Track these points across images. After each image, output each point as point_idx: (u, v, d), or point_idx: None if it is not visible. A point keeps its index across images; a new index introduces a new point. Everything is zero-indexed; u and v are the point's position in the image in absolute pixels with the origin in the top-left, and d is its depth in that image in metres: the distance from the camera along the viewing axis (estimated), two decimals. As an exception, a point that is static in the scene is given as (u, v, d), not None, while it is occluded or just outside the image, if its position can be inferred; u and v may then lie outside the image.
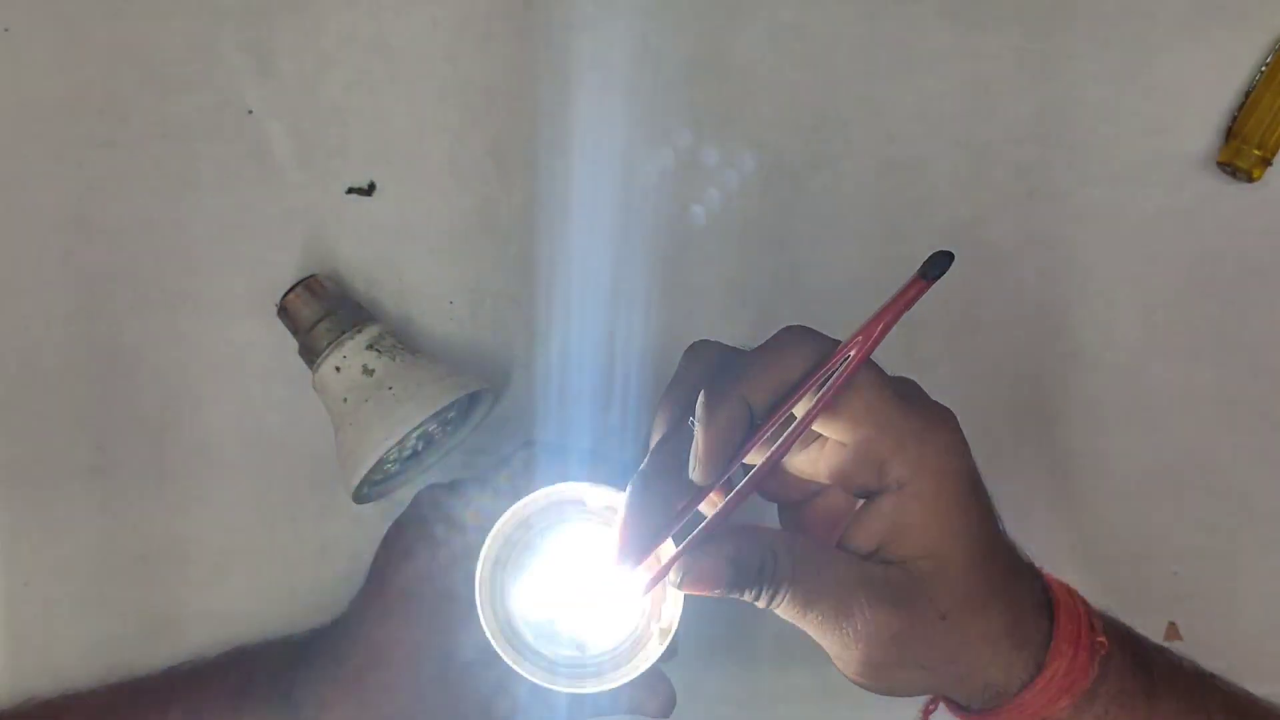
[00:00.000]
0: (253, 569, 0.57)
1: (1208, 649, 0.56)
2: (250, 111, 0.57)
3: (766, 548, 0.39)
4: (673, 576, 0.39)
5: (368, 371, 0.52)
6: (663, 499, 0.39)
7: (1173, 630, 0.57)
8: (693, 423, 0.38)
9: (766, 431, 0.38)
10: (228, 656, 0.53)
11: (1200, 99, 0.57)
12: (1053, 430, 0.57)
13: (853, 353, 0.37)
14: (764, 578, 0.39)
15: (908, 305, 0.36)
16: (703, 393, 0.38)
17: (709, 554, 0.39)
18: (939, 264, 0.35)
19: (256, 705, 0.49)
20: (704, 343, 0.41)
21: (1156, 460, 0.57)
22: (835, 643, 0.39)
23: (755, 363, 0.38)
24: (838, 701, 0.56)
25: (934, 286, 0.36)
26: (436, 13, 0.57)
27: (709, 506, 0.39)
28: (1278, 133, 0.56)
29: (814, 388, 0.37)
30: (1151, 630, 0.57)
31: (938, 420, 0.39)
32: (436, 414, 0.51)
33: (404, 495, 0.56)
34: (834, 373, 0.37)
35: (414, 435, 0.52)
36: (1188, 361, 0.57)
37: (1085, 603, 0.42)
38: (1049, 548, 0.57)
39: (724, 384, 0.38)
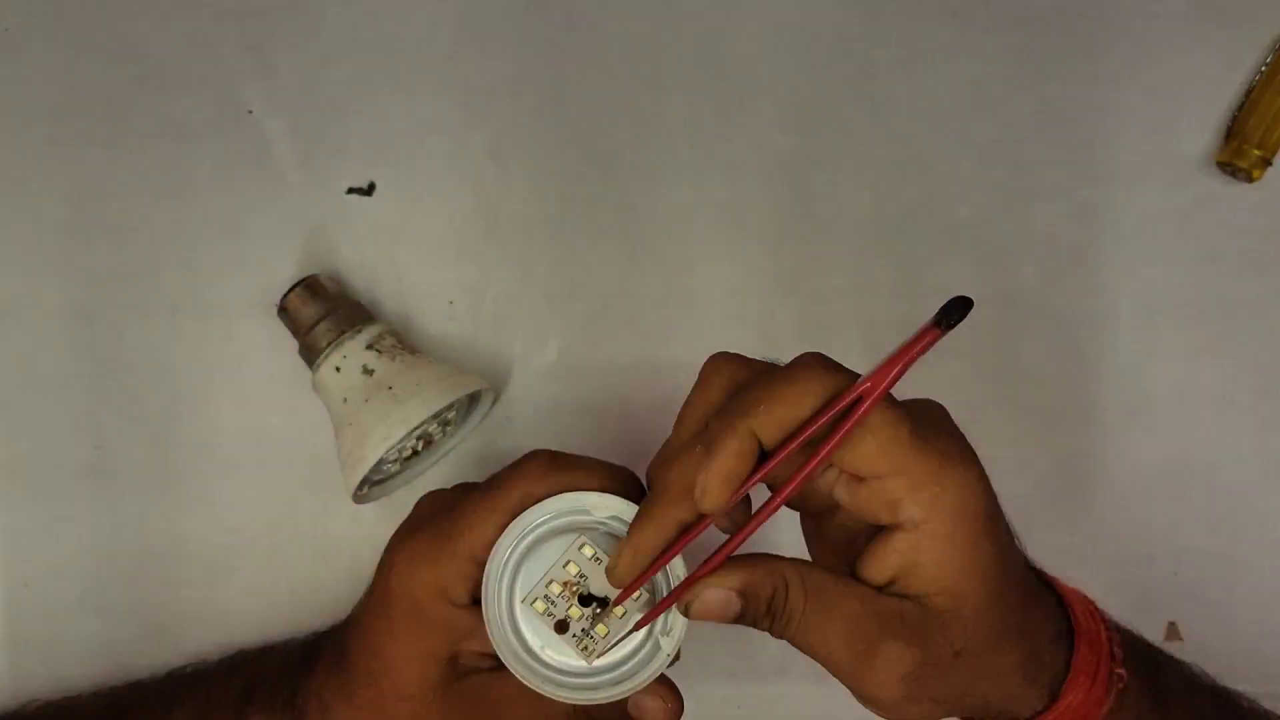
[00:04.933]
0: (253, 569, 0.57)
1: (1207, 649, 0.56)
2: (250, 111, 0.57)
3: (778, 578, 0.38)
4: (680, 605, 0.39)
5: (367, 371, 0.52)
6: (672, 519, 0.39)
7: (1173, 630, 0.57)
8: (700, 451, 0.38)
9: (775, 461, 0.37)
10: (230, 660, 0.52)
11: (1200, 99, 0.57)
12: (1053, 430, 0.57)
13: (865, 396, 0.36)
14: (774, 609, 0.38)
15: (921, 352, 0.35)
16: (712, 423, 0.37)
17: (718, 584, 0.38)
18: (956, 311, 0.33)
19: (260, 711, 0.49)
20: (724, 357, 0.40)
21: (1156, 460, 0.57)
22: (845, 675, 0.39)
23: (767, 394, 0.37)
24: (841, 708, 0.55)
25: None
26: (436, 12, 0.57)
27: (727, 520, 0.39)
28: (1278, 132, 0.56)
29: (827, 424, 0.37)
30: (1151, 630, 0.57)
31: (955, 459, 0.38)
32: (436, 414, 0.51)
33: (404, 495, 0.57)
34: (847, 412, 0.36)
35: (414, 435, 0.52)
36: (1188, 361, 0.57)
37: (1108, 625, 0.42)
38: (1049, 548, 0.57)
39: (734, 415, 0.37)
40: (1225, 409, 0.57)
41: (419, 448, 0.55)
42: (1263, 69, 0.57)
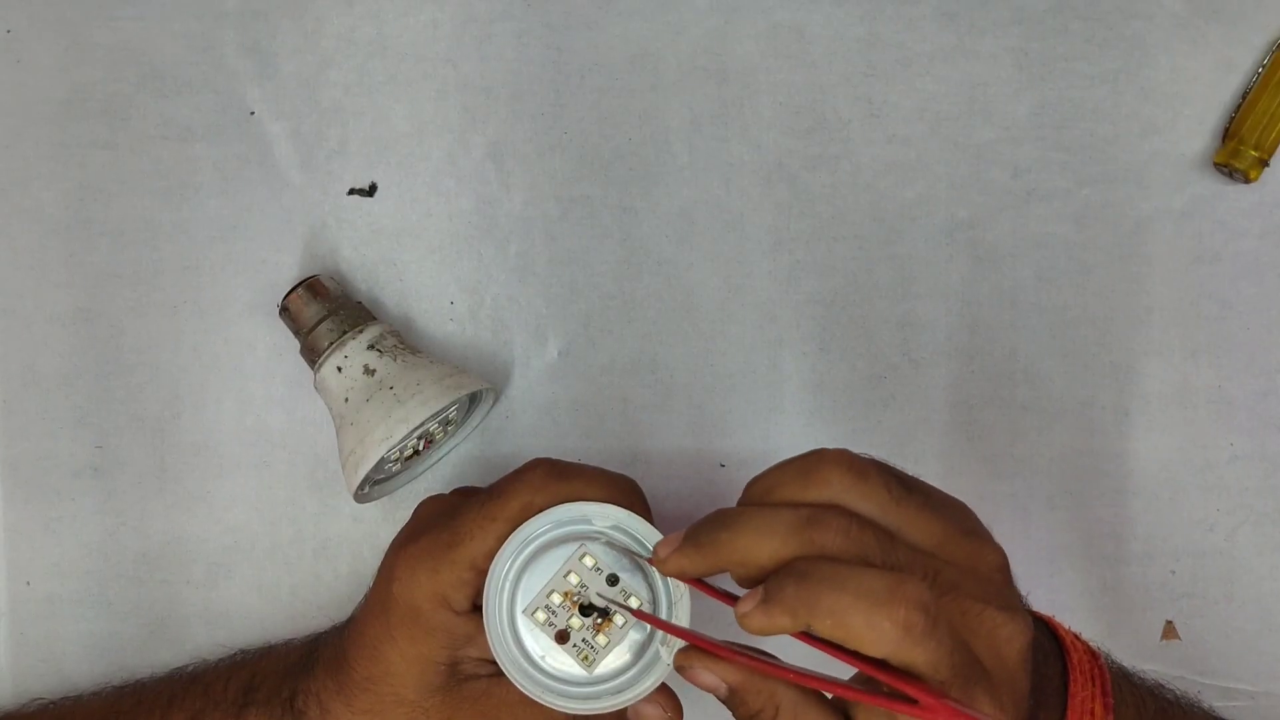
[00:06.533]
0: (253, 568, 0.57)
1: (1205, 648, 0.57)
2: (251, 113, 0.57)
3: (770, 699, 0.38)
4: (676, 661, 0.40)
5: (369, 371, 0.52)
6: (731, 562, 0.39)
7: (1170, 629, 0.57)
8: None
9: (815, 644, 0.37)
10: (230, 661, 0.53)
11: (1197, 100, 0.57)
12: (1052, 430, 0.57)
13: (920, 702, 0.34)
14: None
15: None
16: (799, 577, 0.36)
17: (718, 672, 0.39)
18: None
19: (259, 711, 0.49)
20: (860, 476, 0.38)
21: (1154, 460, 0.57)
22: None
23: (848, 607, 0.35)
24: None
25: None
26: (436, 14, 0.57)
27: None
28: (1275, 134, 0.56)
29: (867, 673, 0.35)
30: (1149, 629, 0.57)
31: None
32: (437, 414, 0.52)
33: (405, 495, 0.57)
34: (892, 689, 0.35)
35: (414, 435, 0.52)
36: (1186, 361, 0.58)
37: (1106, 700, 0.41)
38: (1049, 548, 0.58)
39: (813, 592, 0.35)
40: (1222, 409, 0.57)
41: (420, 447, 0.55)
42: (1259, 70, 0.57)
